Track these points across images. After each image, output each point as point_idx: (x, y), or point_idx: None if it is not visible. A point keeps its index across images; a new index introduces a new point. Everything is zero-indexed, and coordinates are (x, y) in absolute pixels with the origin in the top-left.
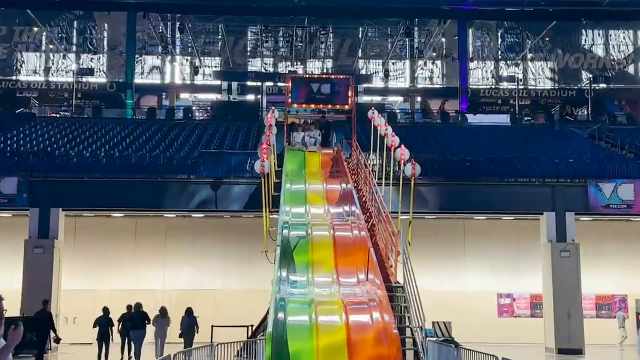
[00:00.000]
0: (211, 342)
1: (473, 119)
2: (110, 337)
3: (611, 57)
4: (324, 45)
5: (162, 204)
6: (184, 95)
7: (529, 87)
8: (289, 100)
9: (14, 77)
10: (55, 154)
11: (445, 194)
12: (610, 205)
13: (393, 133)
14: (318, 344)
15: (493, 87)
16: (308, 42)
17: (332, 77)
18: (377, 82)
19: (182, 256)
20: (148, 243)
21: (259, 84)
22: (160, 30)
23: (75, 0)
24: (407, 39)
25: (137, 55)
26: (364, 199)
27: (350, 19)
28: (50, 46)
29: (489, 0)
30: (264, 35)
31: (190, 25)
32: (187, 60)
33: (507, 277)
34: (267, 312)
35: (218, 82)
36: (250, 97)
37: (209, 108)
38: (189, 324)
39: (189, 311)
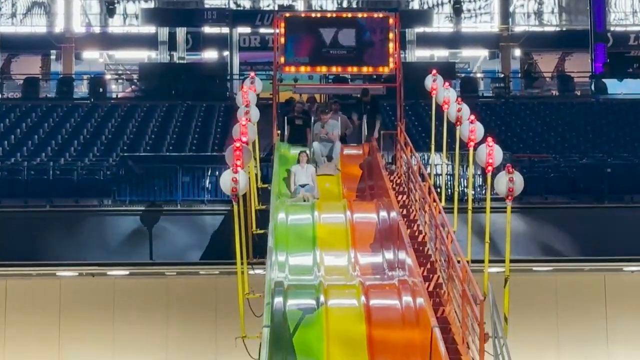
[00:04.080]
0: None
1: (617, 87)
2: None
3: None
4: None
5: (52, 254)
6: (89, 55)
7: None
8: (282, 60)
9: None
10: None
11: (570, 227)
12: None
13: (472, 117)
14: None
15: None
16: None
17: (359, 16)
18: (442, 24)
19: (90, 347)
20: (28, 322)
21: (226, 30)
22: None
23: None
24: None
25: None
26: (420, 237)
27: None
28: None
29: None
30: None
31: None
32: None
33: None
34: None
35: (151, 29)
36: (210, 55)
37: (135, 77)
38: None
39: None
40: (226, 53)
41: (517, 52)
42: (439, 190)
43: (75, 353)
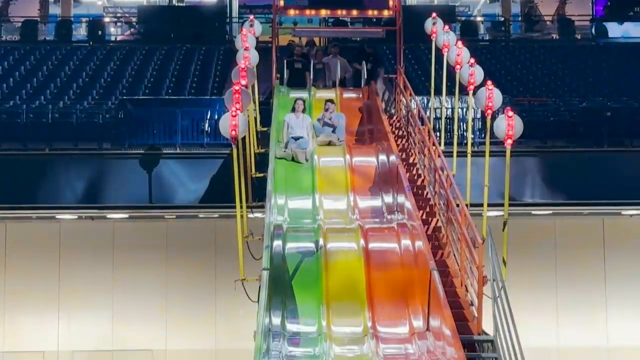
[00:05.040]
0: None
1: (617, 31)
2: None
3: None
4: None
5: (52, 197)
6: None
7: None
8: (281, 3)
9: None
10: None
11: (570, 171)
12: None
13: (472, 61)
14: None
15: None
16: None
17: None
18: None
19: (89, 291)
20: (29, 268)
21: None
22: None
23: None
24: None
25: None
26: (419, 181)
27: None
28: None
29: None
30: None
31: None
32: None
33: None
34: None
35: None
36: None
37: (134, 20)
38: None
39: None
40: None
41: None
42: (438, 134)
43: (75, 296)
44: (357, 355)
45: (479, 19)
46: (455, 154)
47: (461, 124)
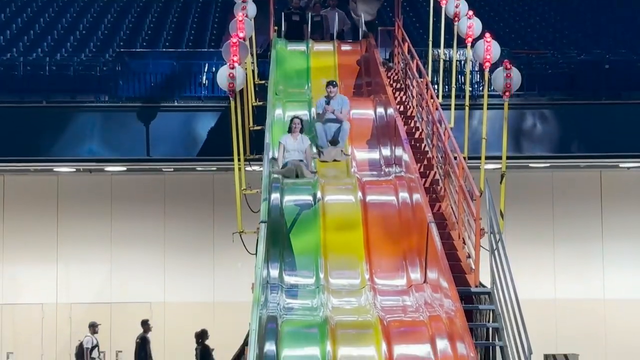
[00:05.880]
0: None
1: None
2: None
3: None
4: None
5: (49, 150)
6: None
7: None
8: None
9: None
10: None
11: (567, 124)
12: None
13: (471, 13)
14: None
15: None
16: None
17: None
18: None
19: (88, 244)
20: (27, 221)
21: None
22: None
23: None
24: None
25: None
26: (417, 134)
27: None
28: None
29: None
30: None
31: None
32: None
33: None
34: (244, 345)
35: None
36: None
37: None
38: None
39: (200, 336)
40: None
41: None
42: (436, 86)
43: (73, 248)
44: (354, 307)
45: None
46: (453, 106)
47: (459, 76)
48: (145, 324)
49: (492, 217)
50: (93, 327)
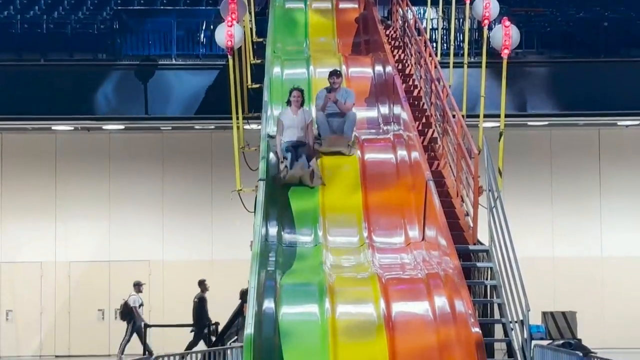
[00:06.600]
0: (146, 353)
1: None
2: None
3: None
4: None
5: (47, 108)
6: None
7: None
8: None
9: None
10: None
11: (565, 82)
12: None
13: None
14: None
15: None
16: None
17: None
18: None
19: (86, 202)
20: (25, 180)
21: None
22: None
23: None
24: None
25: None
26: (416, 92)
27: None
28: None
29: None
30: None
31: None
32: None
33: None
34: (242, 302)
35: None
36: None
37: None
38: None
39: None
40: None
41: None
42: (434, 44)
43: (71, 207)
44: (353, 265)
45: None
46: (451, 64)
47: (458, 34)
48: (202, 284)
49: (490, 175)
50: (138, 286)
